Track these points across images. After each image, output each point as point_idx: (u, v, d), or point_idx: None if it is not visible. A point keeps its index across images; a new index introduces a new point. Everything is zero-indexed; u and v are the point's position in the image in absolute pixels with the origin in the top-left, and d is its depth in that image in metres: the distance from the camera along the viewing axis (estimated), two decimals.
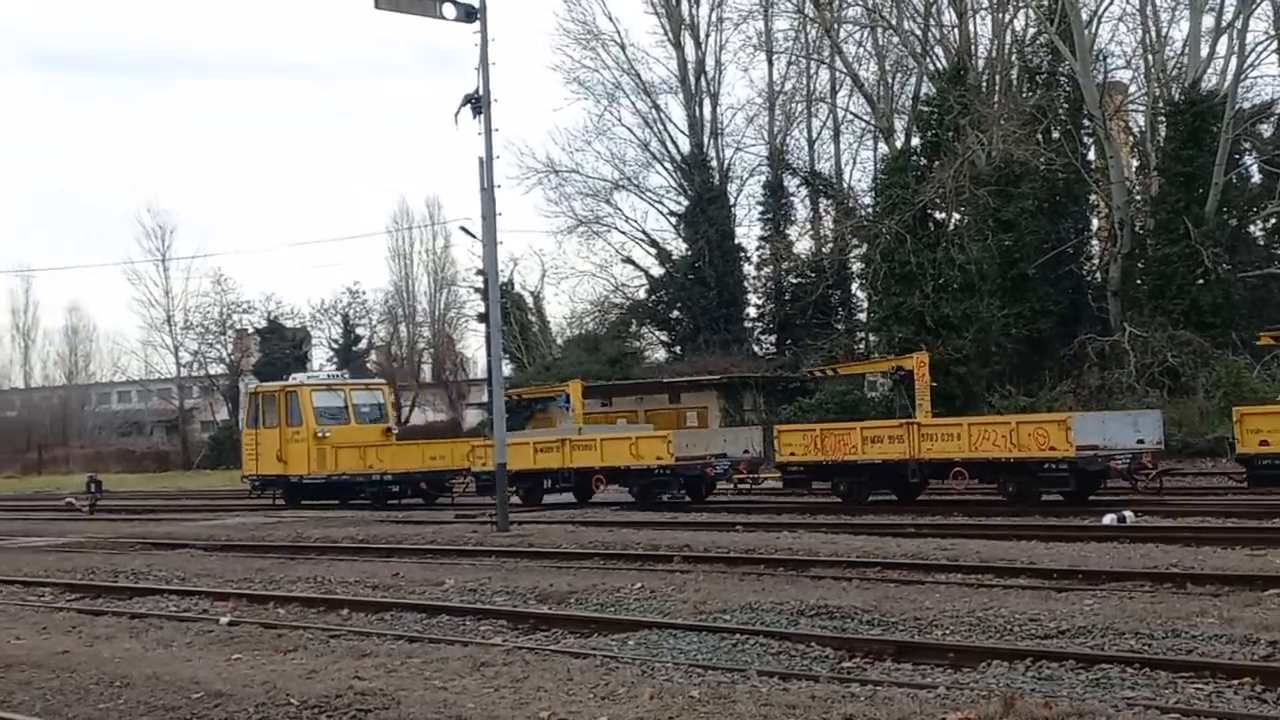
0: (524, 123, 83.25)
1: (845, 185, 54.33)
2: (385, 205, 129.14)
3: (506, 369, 46.39)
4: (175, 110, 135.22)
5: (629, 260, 58.71)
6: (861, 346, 50.51)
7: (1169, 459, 27.95)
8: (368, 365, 77.38)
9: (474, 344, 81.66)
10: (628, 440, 29.12)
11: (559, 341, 61.03)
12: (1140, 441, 24.53)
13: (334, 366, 58.90)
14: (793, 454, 27.15)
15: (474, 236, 49.73)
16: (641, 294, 58.27)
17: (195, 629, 12.92)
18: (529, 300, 61.48)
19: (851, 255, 50.94)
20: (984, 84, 45.56)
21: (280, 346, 75.50)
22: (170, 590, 16.47)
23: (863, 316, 51.01)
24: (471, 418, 66.60)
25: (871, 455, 25.82)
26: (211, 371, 78.01)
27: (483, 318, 54.66)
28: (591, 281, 61.85)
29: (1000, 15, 46.66)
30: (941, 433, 25.03)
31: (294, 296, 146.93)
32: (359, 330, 77.78)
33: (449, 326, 79.80)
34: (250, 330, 78.25)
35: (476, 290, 61.77)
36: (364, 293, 77.78)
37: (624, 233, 59.31)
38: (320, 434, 33.25)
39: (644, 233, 58.32)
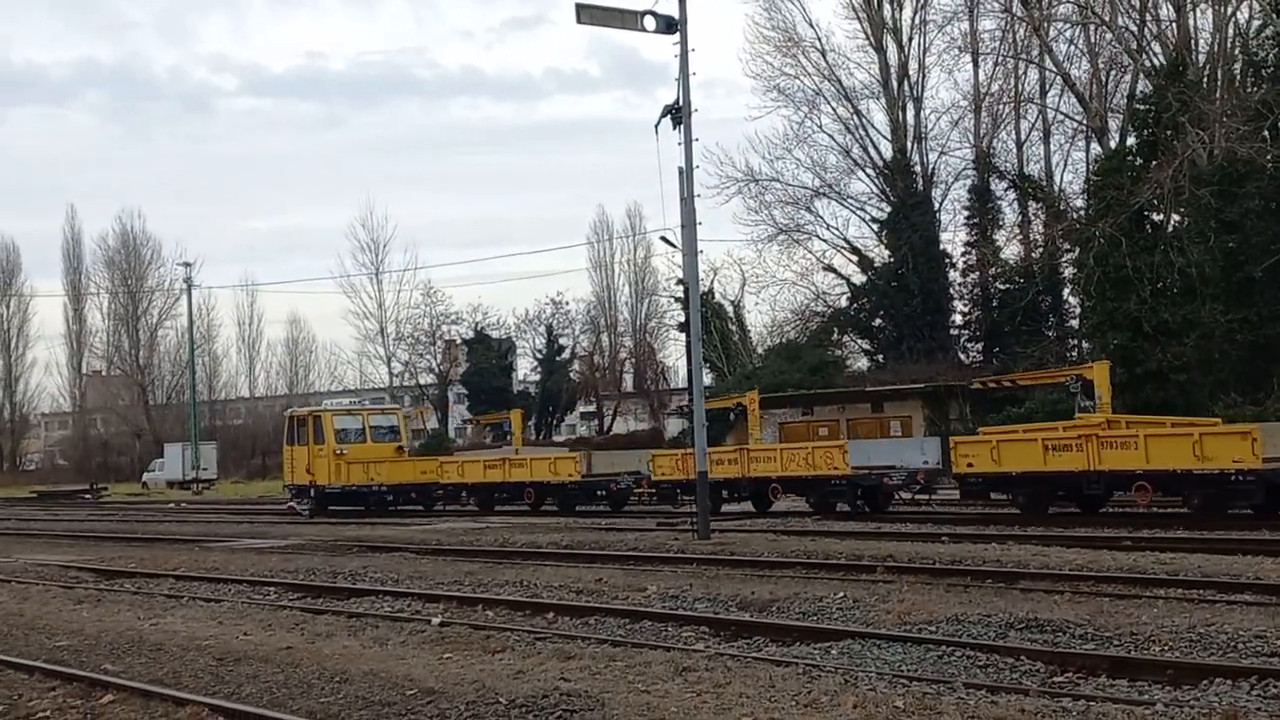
0: (723, 131, 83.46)
1: (1056, 188, 52.80)
2: (586, 216, 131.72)
3: (707, 378, 46.71)
4: (385, 128, 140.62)
5: (830, 268, 58.34)
6: (1074, 354, 48.93)
7: None
8: (570, 374, 78.85)
9: (674, 353, 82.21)
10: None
11: (759, 350, 60.98)
12: None
13: (389, 398, 65.15)
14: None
15: (674, 246, 50.10)
16: (843, 302, 57.78)
17: (409, 629, 13.40)
18: (729, 309, 61.62)
19: (1063, 260, 49.42)
20: (1204, 79, 43.63)
21: (486, 356, 77.53)
22: (385, 591, 17.08)
23: (1075, 323, 49.41)
24: (673, 427, 67.03)
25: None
26: (422, 381, 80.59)
27: (683, 327, 55.19)
28: (792, 290, 61.64)
29: (1222, 8, 44.62)
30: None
31: (500, 307, 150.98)
32: (562, 340, 79.30)
33: (650, 336, 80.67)
34: (458, 341, 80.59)
35: (677, 300, 62.40)
36: (567, 303, 79.19)
37: (825, 240, 58.98)
38: (339, 451, 39.36)
39: (845, 240, 57.88)
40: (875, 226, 56.50)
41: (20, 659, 12.24)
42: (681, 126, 22.87)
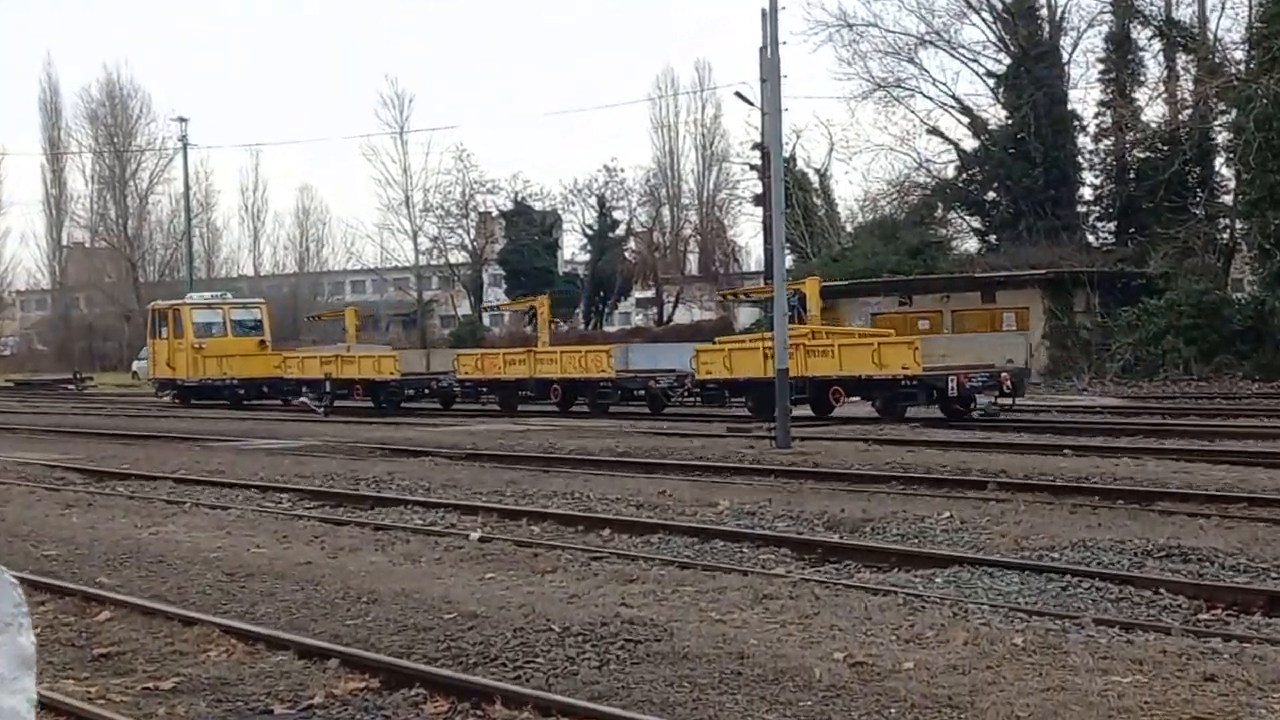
0: None
1: (1211, 36, 51.45)
2: (648, 70, 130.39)
3: (788, 260, 46.44)
4: None
5: (935, 131, 57.47)
6: (1226, 236, 48.15)
7: None
8: (625, 254, 78.79)
9: (747, 231, 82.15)
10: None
11: (849, 229, 60.57)
12: None
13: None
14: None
15: (751, 104, 49.63)
16: (950, 172, 57.06)
17: (444, 544, 13.60)
18: (814, 179, 61.14)
19: (1216, 124, 48.38)
20: None
21: (528, 232, 77.68)
22: (415, 501, 17.34)
23: (1228, 199, 48.55)
24: (745, 317, 67.00)
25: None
26: (452, 260, 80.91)
27: (760, 200, 54.75)
28: (889, 157, 61.12)
29: None
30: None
31: (543, 175, 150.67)
32: (616, 214, 79.13)
33: (719, 210, 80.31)
34: (495, 213, 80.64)
35: (752, 168, 61.85)
36: (622, 170, 79.46)
37: (930, 98, 58.12)
38: (197, 345, 46.05)
39: (954, 98, 56.95)
40: (991, 82, 55.51)
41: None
42: None
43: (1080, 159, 53.80)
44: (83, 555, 13.78)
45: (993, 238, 54.81)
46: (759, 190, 53.87)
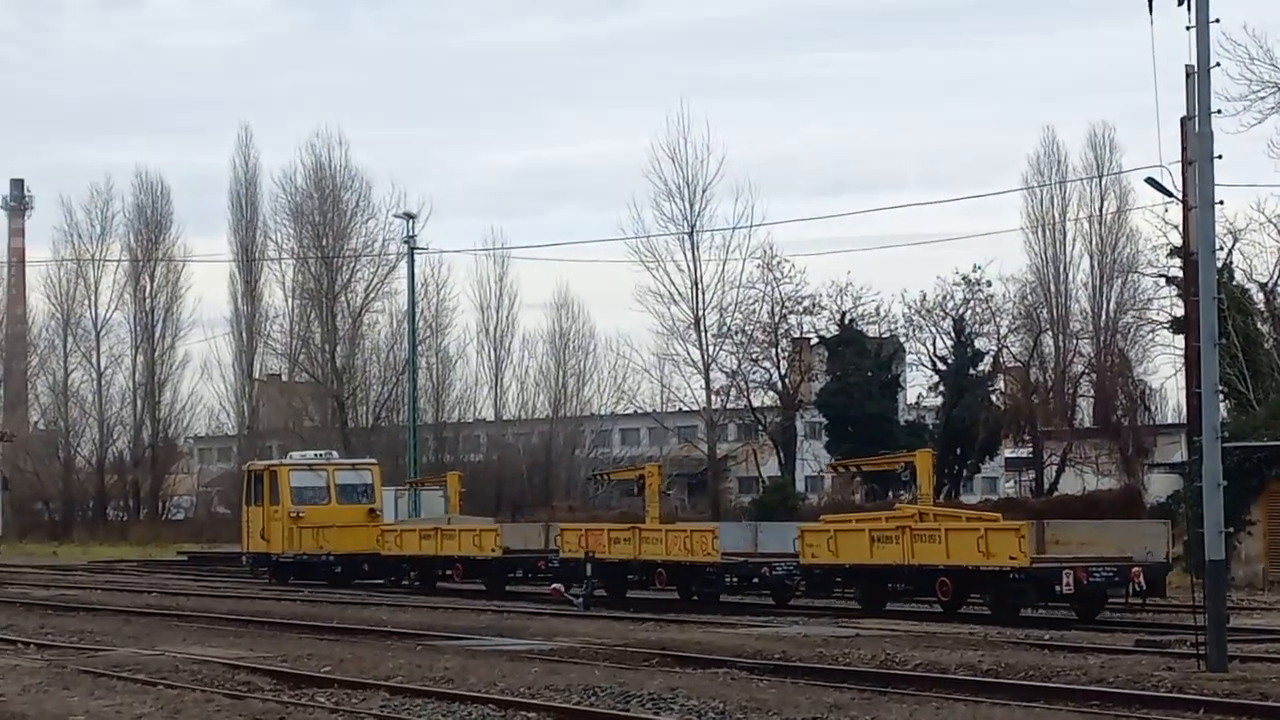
0: (1260, 6, 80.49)
1: None
2: (1021, 145, 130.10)
3: (1222, 409, 45.15)
4: (695, 8, 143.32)
5: None
6: None
7: None
8: (991, 398, 78.04)
9: (1163, 367, 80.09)
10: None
11: None
12: None
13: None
14: None
15: (1169, 194, 48.84)
16: None
17: None
18: (1258, 298, 59.62)
19: None
20: None
21: (859, 365, 77.89)
22: None
23: None
24: (1158, 486, 65.37)
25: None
26: (755, 403, 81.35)
27: (1181, 326, 53.56)
28: None
29: None
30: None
31: (880, 289, 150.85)
32: (979, 343, 78.65)
33: (1123, 339, 78.95)
34: (814, 340, 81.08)
35: (1170, 281, 60.84)
36: (988, 284, 78.21)
37: None
38: (294, 514, 51.22)
39: None
40: None
41: None
42: None
43: None
44: None
45: None
46: (1179, 313, 52.79)
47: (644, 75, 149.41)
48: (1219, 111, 23.22)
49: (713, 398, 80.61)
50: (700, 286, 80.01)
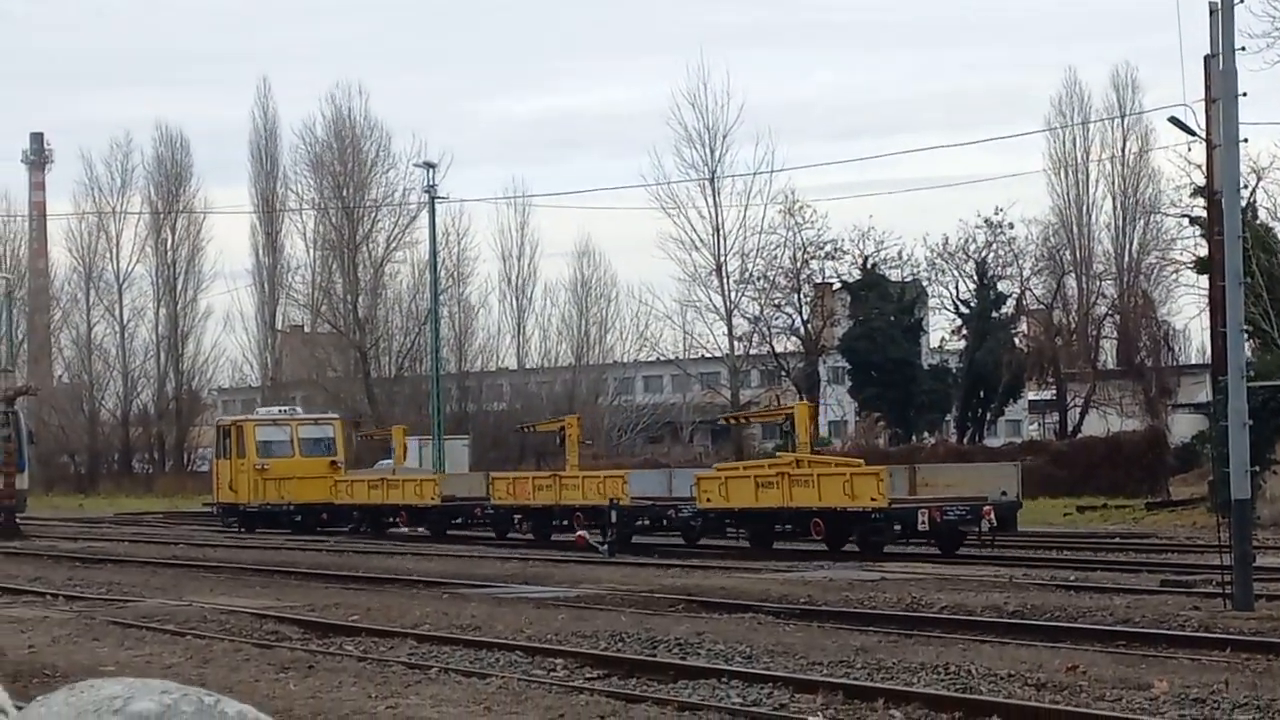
0: None
1: None
2: (1043, 86, 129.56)
3: (1246, 349, 44.99)
4: None
5: None
6: None
7: None
8: (1014, 340, 77.97)
9: (1187, 308, 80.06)
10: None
11: None
12: None
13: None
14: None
15: (1192, 133, 48.60)
16: None
17: None
18: None
19: None
20: None
21: (881, 310, 77.81)
22: (731, 672, 17.41)
23: None
24: (1182, 426, 65.33)
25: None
26: (778, 348, 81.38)
27: (1204, 266, 53.36)
28: None
29: None
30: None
31: (902, 233, 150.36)
32: (1001, 286, 78.57)
33: (1146, 280, 78.81)
34: (836, 285, 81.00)
35: (1193, 221, 60.51)
36: (1009, 226, 78.14)
37: None
38: (259, 466, 54.60)
39: None
40: None
41: None
42: None
43: None
44: None
45: None
46: (1202, 253, 52.57)
47: (661, 21, 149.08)
48: (1243, 49, 23.13)
49: (735, 344, 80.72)
50: (722, 233, 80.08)
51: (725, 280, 79.84)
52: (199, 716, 1.54)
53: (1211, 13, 22.66)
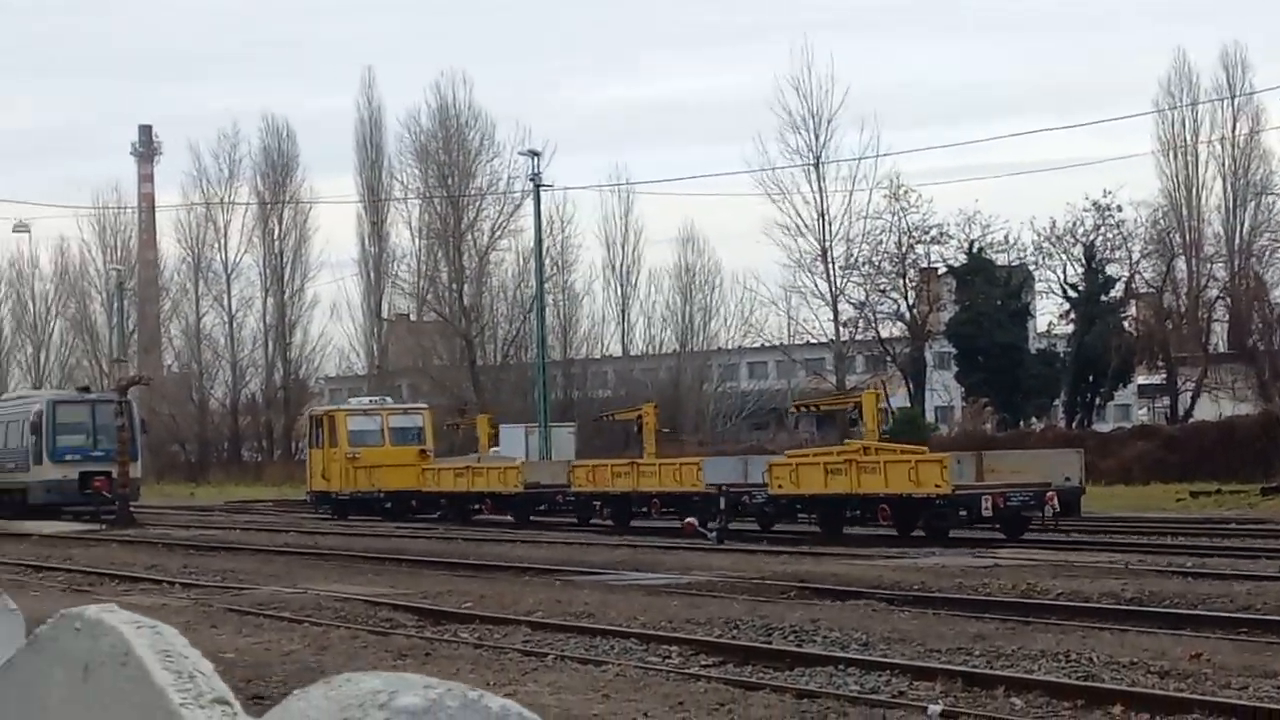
0: None
1: None
2: (1151, 68, 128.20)
3: None
4: None
5: None
6: None
7: None
8: (1123, 325, 77.29)
9: None
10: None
11: None
12: None
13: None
14: None
15: None
16: None
17: None
18: None
19: None
20: None
21: (988, 295, 77.37)
22: (848, 660, 17.37)
23: None
24: None
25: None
26: (884, 334, 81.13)
27: None
28: None
29: None
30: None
31: (1009, 217, 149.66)
32: (1110, 268, 77.90)
33: (1257, 262, 77.90)
34: (942, 270, 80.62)
35: None
36: (1118, 209, 77.46)
37: None
38: (351, 455, 56.17)
39: None
40: None
41: None
42: None
43: None
44: None
45: None
46: None
47: (763, 3, 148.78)
48: None
49: (841, 329, 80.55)
50: (826, 218, 80.00)
51: (830, 266, 79.82)
52: (464, 711, 1.53)
53: None
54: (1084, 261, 77.58)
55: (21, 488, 58.55)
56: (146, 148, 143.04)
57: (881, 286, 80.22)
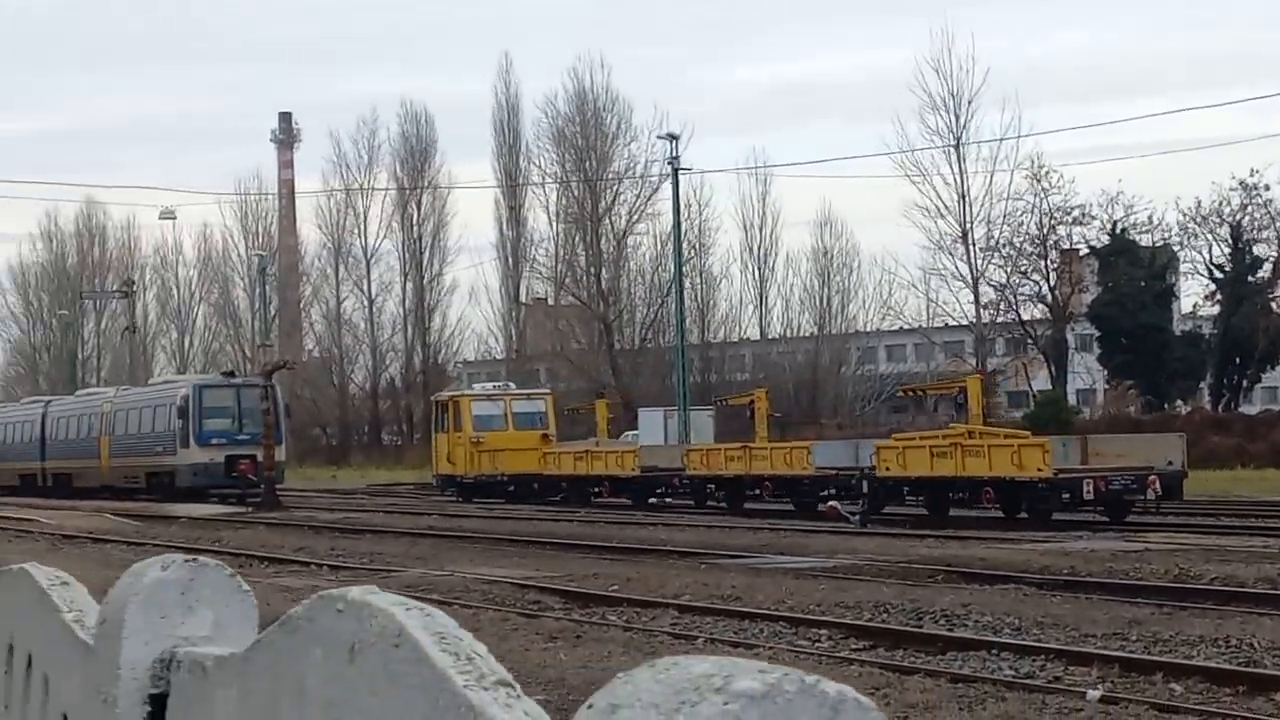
0: None
1: None
2: None
3: None
4: None
5: None
6: None
7: None
8: (1272, 305, 76.15)
9: None
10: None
11: None
12: None
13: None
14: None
15: None
16: None
17: (1053, 705, 13.51)
18: None
19: None
20: None
21: (1131, 276, 76.46)
22: (1002, 644, 17.26)
23: None
24: None
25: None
26: (1025, 316, 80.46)
27: None
28: None
29: None
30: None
31: (1152, 196, 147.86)
32: (1257, 248, 76.72)
33: None
34: (1084, 251, 79.77)
35: None
36: (1266, 188, 76.17)
37: None
38: (475, 440, 57.43)
39: None
40: None
41: None
42: None
43: None
44: (577, 703, 14.39)
45: None
46: None
47: None
48: None
49: (981, 312, 79.96)
50: (967, 199, 79.52)
51: (971, 247, 79.33)
52: (802, 696, 1.51)
53: None
54: (1230, 241, 76.46)
55: (169, 471, 59.70)
56: (286, 135, 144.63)
57: (1022, 268, 79.57)
